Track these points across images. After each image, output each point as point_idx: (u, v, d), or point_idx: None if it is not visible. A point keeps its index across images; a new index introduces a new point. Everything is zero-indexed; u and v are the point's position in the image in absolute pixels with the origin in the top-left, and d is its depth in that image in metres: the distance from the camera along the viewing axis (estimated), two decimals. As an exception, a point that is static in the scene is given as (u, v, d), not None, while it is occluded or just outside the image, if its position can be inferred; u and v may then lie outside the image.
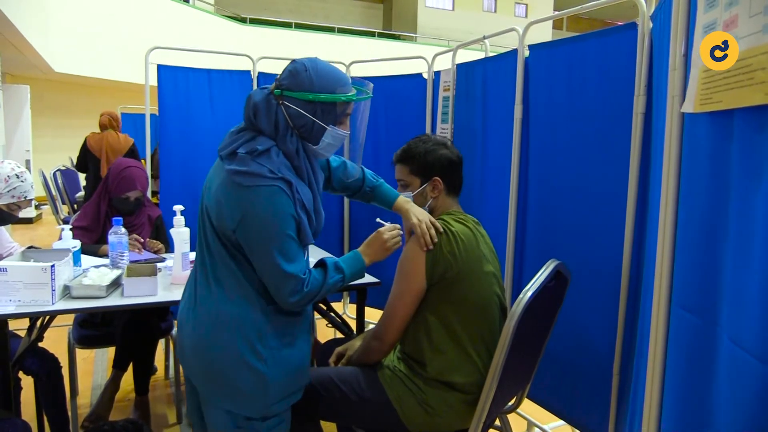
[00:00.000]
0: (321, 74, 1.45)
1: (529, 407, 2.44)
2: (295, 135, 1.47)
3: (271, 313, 1.49)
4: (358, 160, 1.72)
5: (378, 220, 1.75)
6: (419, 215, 1.67)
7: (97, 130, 5.38)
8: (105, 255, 2.47)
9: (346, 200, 3.80)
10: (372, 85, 1.56)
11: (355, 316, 2.32)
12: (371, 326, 3.15)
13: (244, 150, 1.42)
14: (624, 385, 1.99)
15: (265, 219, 1.39)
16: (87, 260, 2.35)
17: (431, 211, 1.77)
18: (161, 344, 3.19)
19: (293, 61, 1.49)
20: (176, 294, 2.08)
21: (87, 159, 5.31)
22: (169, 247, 2.72)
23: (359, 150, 1.66)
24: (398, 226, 1.70)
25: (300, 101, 1.44)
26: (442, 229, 1.65)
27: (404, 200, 1.76)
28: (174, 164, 3.33)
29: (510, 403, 1.88)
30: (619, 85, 1.96)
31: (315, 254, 2.13)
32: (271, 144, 1.44)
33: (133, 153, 5.22)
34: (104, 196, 2.70)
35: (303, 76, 1.44)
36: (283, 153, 1.45)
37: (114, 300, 1.99)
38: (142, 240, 2.66)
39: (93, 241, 2.63)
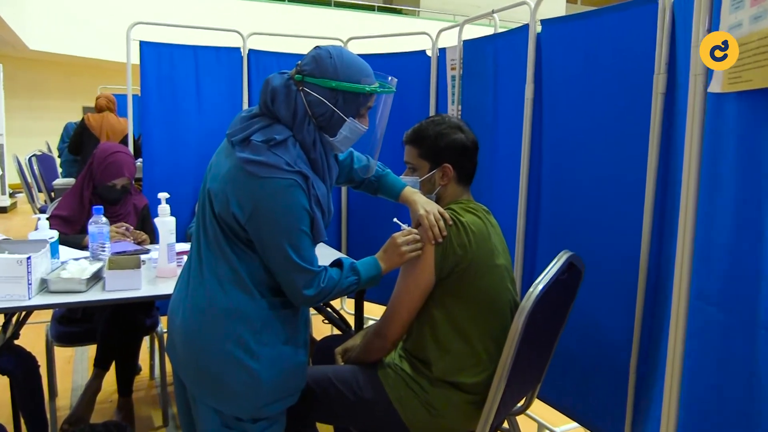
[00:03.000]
0: (346, 62, 1.47)
1: (539, 408, 2.45)
2: (312, 124, 1.48)
3: (267, 308, 1.50)
4: (374, 156, 1.73)
5: (395, 220, 1.73)
6: (426, 206, 1.68)
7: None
8: (85, 246, 2.48)
9: (344, 192, 3.80)
10: (396, 80, 1.58)
11: (353, 312, 2.33)
12: (371, 322, 3.17)
13: (260, 138, 1.43)
14: (641, 385, 2.00)
15: (279, 213, 1.41)
16: (66, 252, 2.35)
17: (438, 200, 1.78)
18: (146, 342, 3.21)
19: (316, 47, 1.51)
20: (162, 288, 2.09)
21: (83, 140, 5.31)
22: (155, 238, 2.72)
23: (377, 147, 1.67)
24: (414, 231, 1.68)
25: (322, 89, 1.46)
26: (451, 221, 1.65)
27: (411, 191, 1.77)
28: (157, 148, 3.32)
29: (519, 404, 1.89)
30: (639, 63, 1.96)
31: (323, 252, 2.12)
32: (288, 134, 1.46)
33: (137, 143, 5.23)
34: (88, 184, 2.70)
35: (327, 63, 1.46)
36: (299, 144, 1.47)
37: (95, 294, 1.99)
38: (131, 227, 2.66)
39: (74, 232, 2.63)
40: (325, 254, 1.68)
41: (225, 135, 1.53)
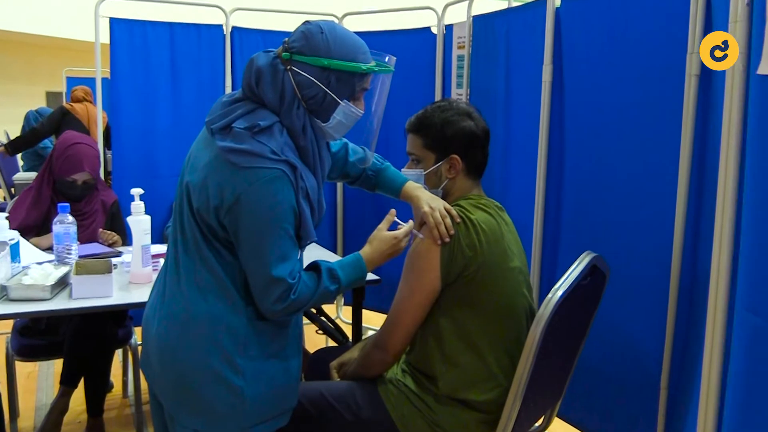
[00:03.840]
0: (339, 39, 1.47)
1: (559, 428, 2.45)
2: (302, 108, 1.48)
3: (253, 317, 1.50)
4: (371, 147, 1.72)
5: (395, 218, 1.72)
6: (431, 202, 1.67)
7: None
8: (49, 248, 2.47)
9: (339, 187, 3.80)
10: (394, 58, 1.57)
11: (350, 321, 2.33)
12: (370, 333, 3.17)
13: (243, 125, 1.43)
14: (674, 402, 2.00)
15: (260, 208, 1.41)
16: (28, 255, 2.35)
17: (445, 195, 1.77)
18: (118, 355, 3.20)
19: (306, 22, 1.50)
20: (135, 295, 2.09)
21: (63, 127, 5.26)
22: (127, 239, 2.72)
23: (374, 135, 1.67)
24: (407, 225, 1.68)
25: (312, 67, 1.46)
26: (459, 218, 1.65)
27: (413, 186, 1.77)
28: (129, 138, 3.32)
29: (537, 424, 1.89)
30: (670, 42, 1.95)
31: (316, 255, 2.11)
32: (275, 119, 1.46)
33: (109, 131, 5.22)
34: (48, 179, 2.70)
35: (318, 39, 1.46)
36: (287, 130, 1.47)
37: (60, 303, 1.99)
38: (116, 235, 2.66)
39: (33, 233, 2.63)
40: (318, 257, 1.67)
41: (204, 123, 1.53)
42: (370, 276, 2.23)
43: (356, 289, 2.28)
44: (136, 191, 2.23)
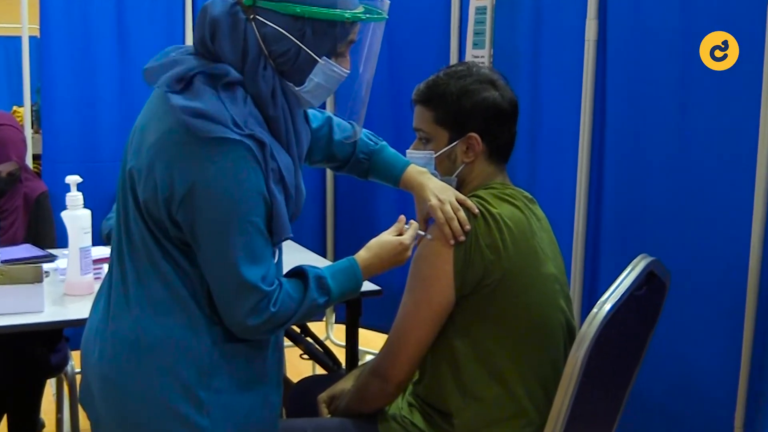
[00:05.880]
0: None
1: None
2: (270, 68, 1.47)
3: (221, 339, 1.50)
4: (359, 118, 1.71)
5: (402, 218, 1.72)
6: (440, 193, 1.67)
7: None
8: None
9: (329, 171, 3.79)
10: (388, 2, 1.56)
11: (343, 343, 2.33)
12: (368, 358, 3.16)
13: (204, 71, 1.41)
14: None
15: (220, 197, 1.39)
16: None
17: (461, 183, 1.77)
18: (51, 387, 3.20)
19: None
20: (72, 310, 2.09)
21: None
22: (56, 240, 2.72)
23: (361, 103, 1.65)
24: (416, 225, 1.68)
25: (282, 16, 1.44)
26: (477, 211, 1.64)
27: (418, 171, 1.76)
28: (63, 113, 3.32)
29: (578, 473, 1.89)
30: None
31: (299, 259, 2.09)
32: (239, 78, 1.44)
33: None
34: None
35: None
36: (252, 98, 1.45)
37: (-24, 320, 1.99)
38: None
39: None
40: (302, 261, 1.65)
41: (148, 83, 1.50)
42: (370, 286, 2.22)
43: (351, 302, 2.29)
44: (73, 179, 2.23)
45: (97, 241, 2.33)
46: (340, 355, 2.77)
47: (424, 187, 1.70)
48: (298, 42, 1.45)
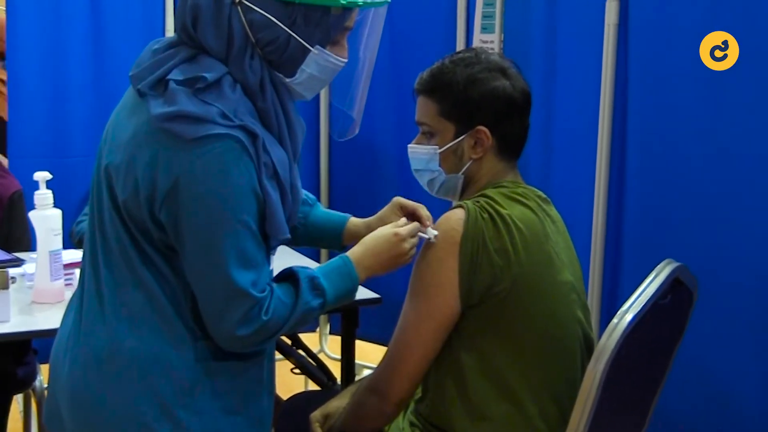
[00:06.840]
0: None
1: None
2: (257, 57, 1.47)
3: (205, 356, 1.50)
4: (355, 113, 1.72)
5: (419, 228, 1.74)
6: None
7: None
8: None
9: (323, 165, 3.79)
10: None
11: (338, 356, 2.34)
12: (366, 373, 3.16)
13: (180, 77, 1.42)
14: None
15: (208, 193, 1.40)
16: None
17: (468, 181, 1.79)
18: (17, 403, 3.21)
19: None
20: (41, 320, 2.09)
21: None
22: (29, 243, 2.73)
23: (359, 97, 1.65)
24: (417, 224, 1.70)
25: (269, 1, 1.45)
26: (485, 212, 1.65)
27: (359, 222, 1.82)
28: (31, 99, 3.32)
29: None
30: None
31: (288, 261, 2.11)
32: (223, 70, 1.45)
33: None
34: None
35: None
36: (240, 86, 1.46)
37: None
38: None
39: None
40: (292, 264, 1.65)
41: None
42: (368, 294, 2.23)
43: (347, 312, 2.29)
44: (42, 176, 2.23)
45: (68, 244, 2.33)
46: (335, 369, 2.77)
47: (385, 212, 1.80)
48: (287, 29, 1.46)
